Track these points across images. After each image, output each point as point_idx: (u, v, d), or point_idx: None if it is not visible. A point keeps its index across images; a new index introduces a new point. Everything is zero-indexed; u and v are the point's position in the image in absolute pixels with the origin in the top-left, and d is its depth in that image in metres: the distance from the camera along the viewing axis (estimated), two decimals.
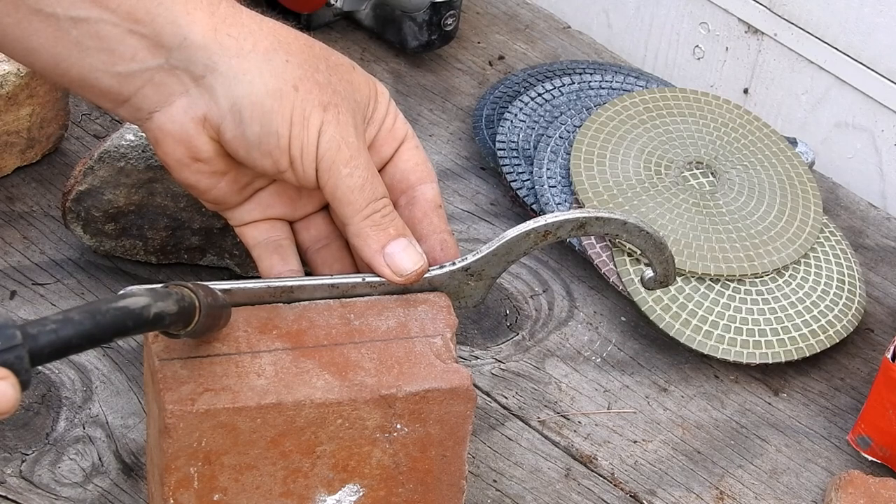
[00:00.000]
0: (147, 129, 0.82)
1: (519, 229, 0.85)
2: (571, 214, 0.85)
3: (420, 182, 0.87)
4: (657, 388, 1.03)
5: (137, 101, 0.81)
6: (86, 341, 0.67)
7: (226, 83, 0.79)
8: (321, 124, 0.80)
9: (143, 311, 0.70)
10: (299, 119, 0.80)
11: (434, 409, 0.81)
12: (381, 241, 0.83)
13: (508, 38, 1.29)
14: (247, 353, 0.80)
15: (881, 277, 1.14)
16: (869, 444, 0.99)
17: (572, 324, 1.06)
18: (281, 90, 0.79)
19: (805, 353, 1.04)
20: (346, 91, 0.82)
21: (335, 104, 0.81)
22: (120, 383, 0.96)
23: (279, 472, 0.81)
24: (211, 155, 0.82)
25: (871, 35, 1.17)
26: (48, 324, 0.65)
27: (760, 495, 0.98)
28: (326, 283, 0.83)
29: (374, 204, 0.82)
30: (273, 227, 0.86)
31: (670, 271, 0.89)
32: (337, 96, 0.81)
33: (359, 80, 0.84)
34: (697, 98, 1.17)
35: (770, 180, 1.12)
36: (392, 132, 0.86)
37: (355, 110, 0.83)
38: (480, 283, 0.86)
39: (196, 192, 0.85)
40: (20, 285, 1.00)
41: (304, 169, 0.81)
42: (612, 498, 0.96)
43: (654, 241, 0.87)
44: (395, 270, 0.83)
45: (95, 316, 0.67)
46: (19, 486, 0.90)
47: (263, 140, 0.80)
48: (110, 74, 0.79)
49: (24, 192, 1.06)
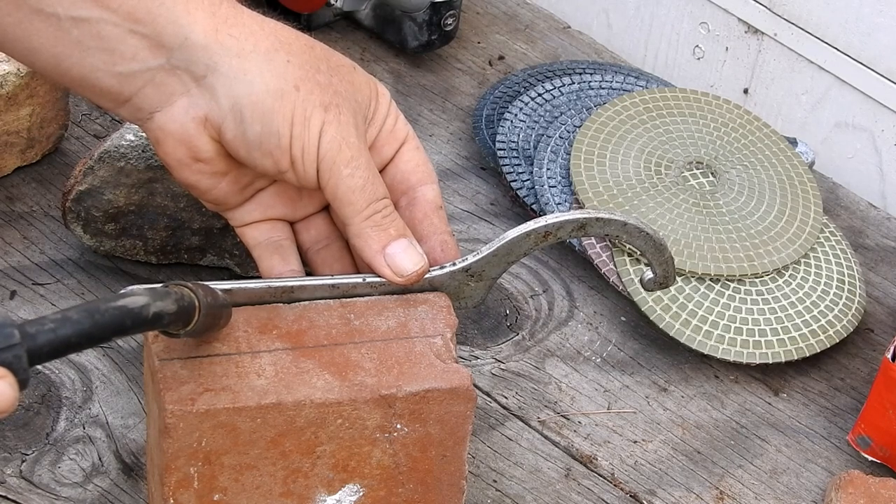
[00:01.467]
0: (148, 129, 0.82)
1: (519, 230, 0.85)
2: (572, 215, 0.86)
3: (421, 183, 0.87)
4: (657, 388, 1.03)
5: (138, 101, 0.81)
6: (84, 340, 0.67)
7: (227, 83, 0.79)
8: (322, 124, 0.80)
9: (142, 311, 0.70)
10: (300, 119, 0.80)
11: (434, 409, 0.81)
12: (382, 241, 0.83)
13: (508, 38, 1.29)
14: (247, 353, 0.80)
15: (881, 277, 1.14)
16: (869, 444, 0.99)
17: (572, 324, 1.06)
18: (282, 90, 0.79)
19: (805, 353, 1.04)
20: (348, 92, 0.82)
21: (336, 104, 0.81)
22: (120, 383, 0.96)
23: (279, 472, 0.81)
24: (212, 155, 0.82)
25: (871, 35, 1.17)
26: (47, 323, 0.65)
27: (760, 495, 0.98)
28: (327, 283, 0.83)
29: (375, 204, 0.82)
30: (274, 227, 0.86)
31: (670, 273, 0.89)
32: (338, 97, 0.81)
33: (360, 81, 0.84)
34: (697, 98, 1.17)
35: (770, 180, 1.12)
36: (393, 133, 0.86)
37: (356, 111, 0.83)
38: (481, 283, 0.86)
39: (197, 192, 0.85)
40: (20, 285, 1.00)
41: (304, 169, 0.81)
42: (612, 498, 0.96)
43: (654, 243, 0.87)
44: (396, 271, 0.83)
45: (94, 315, 0.67)
46: (19, 486, 0.90)
47: (264, 140, 0.80)
48: (111, 74, 0.79)
49: (24, 192, 1.06)
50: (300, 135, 0.80)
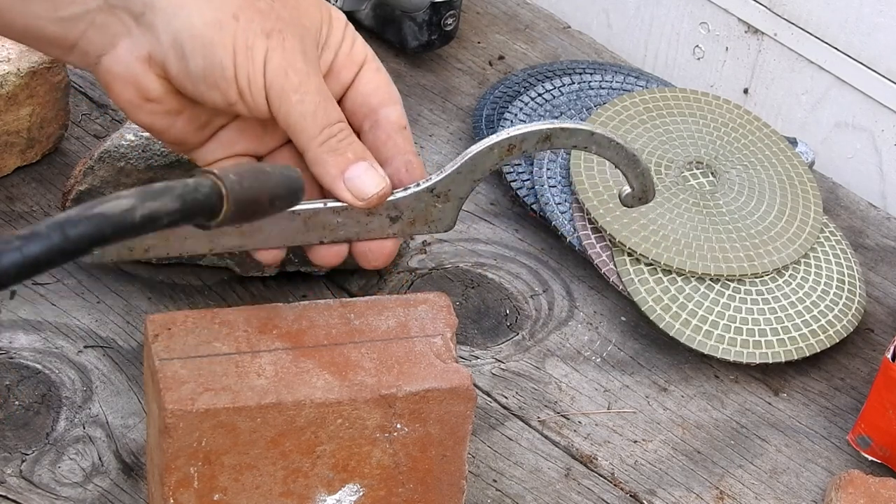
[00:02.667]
0: (97, 73, 0.81)
1: (482, 144, 0.83)
2: (536, 126, 0.83)
3: (383, 105, 0.84)
4: (657, 388, 1.03)
5: (84, 46, 0.80)
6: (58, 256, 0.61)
7: (165, 18, 0.78)
8: (266, 51, 0.78)
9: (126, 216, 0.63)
10: (242, 48, 0.78)
11: (434, 408, 0.81)
12: (340, 166, 0.81)
13: (508, 38, 1.29)
14: (247, 353, 0.80)
15: (881, 277, 1.14)
16: (869, 444, 0.99)
17: (572, 324, 1.06)
18: (220, 20, 0.78)
19: (805, 353, 1.04)
20: (293, 17, 0.80)
21: (279, 30, 0.79)
22: (120, 383, 0.96)
23: (279, 471, 0.81)
24: (161, 93, 0.81)
25: (871, 35, 1.17)
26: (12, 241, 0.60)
27: (760, 495, 0.98)
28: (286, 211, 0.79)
29: (330, 129, 0.80)
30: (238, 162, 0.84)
31: (648, 186, 0.86)
32: (281, 22, 0.79)
33: (307, 5, 0.82)
34: (697, 98, 1.17)
35: (770, 180, 1.12)
36: (350, 56, 0.84)
37: (304, 35, 0.80)
38: (448, 204, 0.84)
39: (154, 133, 0.83)
40: (20, 285, 1.00)
41: (253, 99, 0.79)
42: (612, 498, 0.96)
43: (626, 153, 0.84)
44: (357, 195, 0.81)
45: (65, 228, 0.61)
46: (19, 485, 0.90)
47: (208, 73, 0.78)
48: (53, 21, 0.78)
49: (24, 192, 1.06)
50: (244, 64, 0.78)
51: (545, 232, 1.11)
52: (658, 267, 1.05)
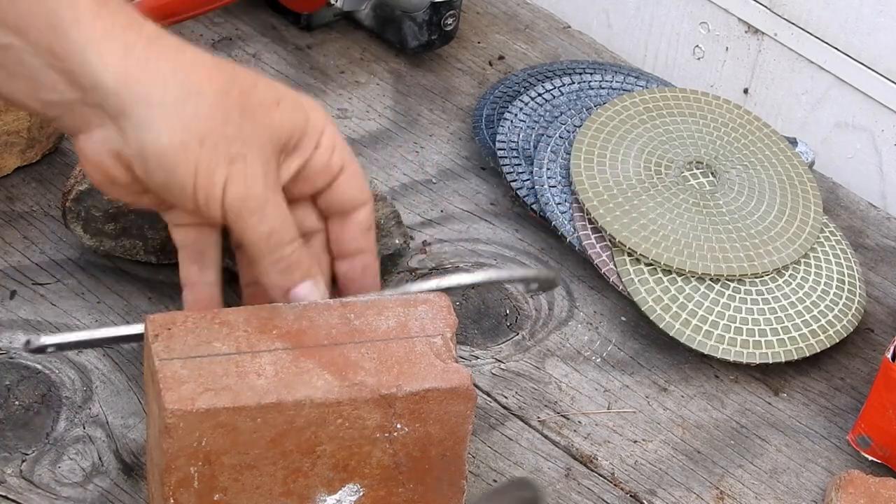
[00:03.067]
0: (74, 145, 0.84)
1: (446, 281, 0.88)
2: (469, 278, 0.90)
3: (354, 209, 0.88)
4: (657, 388, 1.03)
5: (60, 124, 0.83)
6: None
7: (134, 130, 0.80)
8: (226, 179, 0.81)
9: None
10: (204, 172, 0.80)
11: (434, 408, 0.81)
12: (287, 285, 0.84)
13: (508, 38, 1.29)
14: (247, 353, 0.80)
15: (881, 277, 1.14)
16: (869, 444, 0.99)
17: (572, 324, 1.06)
18: (186, 143, 0.80)
19: (805, 353, 1.04)
20: (262, 136, 0.82)
21: (242, 156, 0.81)
22: (120, 383, 0.96)
23: (279, 471, 0.81)
24: (128, 181, 0.83)
25: (871, 35, 1.17)
26: None
27: (760, 495, 0.98)
28: None
29: (281, 251, 0.83)
30: (200, 233, 0.87)
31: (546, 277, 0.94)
32: (246, 146, 0.81)
33: (281, 119, 0.83)
34: (697, 98, 1.17)
35: (770, 180, 1.12)
36: (328, 167, 0.86)
37: (270, 156, 0.83)
38: None
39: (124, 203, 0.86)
40: (20, 285, 1.00)
41: (210, 215, 0.82)
42: (612, 498, 0.96)
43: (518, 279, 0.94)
44: None
45: None
46: (19, 485, 0.90)
47: (169, 188, 0.81)
48: (34, 99, 0.81)
49: (24, 192, 1.06)
50: (203, 187, 0.81)
51: (545, 232, 1.11)
52: (658, 267, 1.05)
